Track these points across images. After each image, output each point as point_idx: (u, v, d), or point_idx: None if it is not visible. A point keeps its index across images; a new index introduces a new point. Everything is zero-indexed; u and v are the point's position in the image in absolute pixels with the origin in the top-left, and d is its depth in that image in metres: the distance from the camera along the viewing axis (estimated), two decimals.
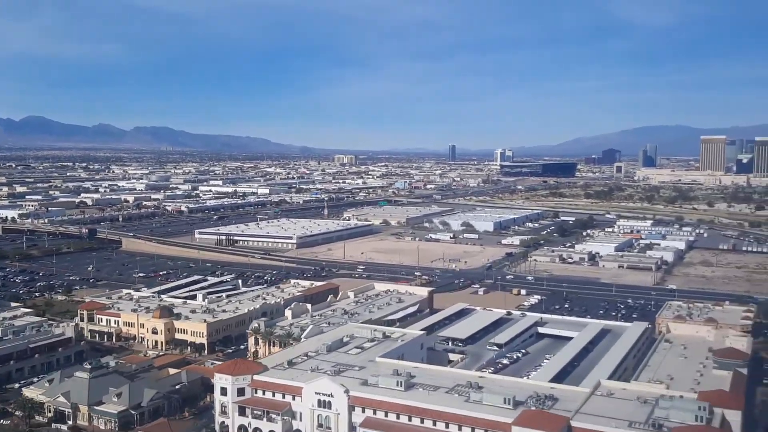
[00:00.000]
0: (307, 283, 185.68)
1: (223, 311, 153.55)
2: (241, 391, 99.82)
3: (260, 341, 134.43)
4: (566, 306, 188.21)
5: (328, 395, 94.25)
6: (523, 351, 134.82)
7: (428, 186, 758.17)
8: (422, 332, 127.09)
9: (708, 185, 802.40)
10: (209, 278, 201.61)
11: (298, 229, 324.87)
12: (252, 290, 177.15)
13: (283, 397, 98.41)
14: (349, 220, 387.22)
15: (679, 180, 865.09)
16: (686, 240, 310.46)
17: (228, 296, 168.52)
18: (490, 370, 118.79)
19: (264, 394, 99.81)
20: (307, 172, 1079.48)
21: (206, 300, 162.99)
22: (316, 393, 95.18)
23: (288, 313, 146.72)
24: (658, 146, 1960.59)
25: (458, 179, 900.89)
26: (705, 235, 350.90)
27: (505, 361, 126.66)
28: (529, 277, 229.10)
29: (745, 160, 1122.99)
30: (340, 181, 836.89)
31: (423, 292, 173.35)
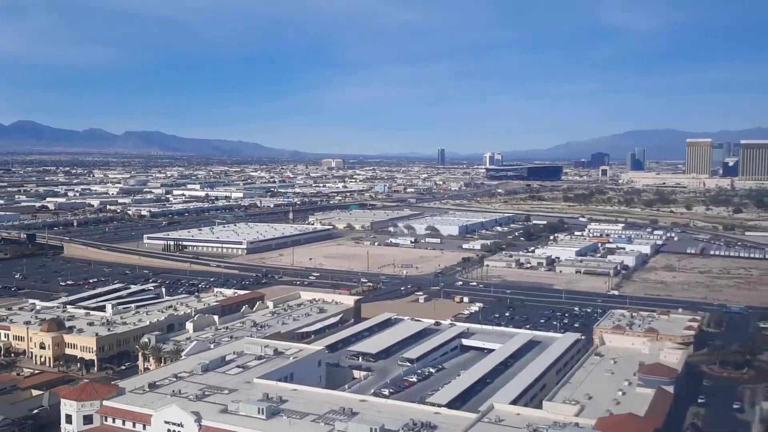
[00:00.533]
0: (230, 292, 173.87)
1: (124, 323, 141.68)
2: (88, 419, 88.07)
3: (150, 358, 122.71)
4: (507, 314, 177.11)
5: (178, 425, 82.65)
6: (438, 366, 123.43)
7: (408, 190, 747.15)
8: (321, 348, 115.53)
9: (692, 188, 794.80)
10: (132, 286, 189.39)
11: (252, 233, 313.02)
12: (166, 300, 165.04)
13: (134, 425, 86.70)
14: (312, 224, 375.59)
15: (664, 183, 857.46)
16: (653, 244, 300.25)
17: (137, 307, 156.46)
18: (389, 391, 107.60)
19: (114, 422, 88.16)
20: (291, 176, 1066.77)
21: (113, 311, 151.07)
22: (166, 422, 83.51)
23: (189, 326, 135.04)
24: (648, 150, 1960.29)
25: (441, 183, 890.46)
26: (676, 238, 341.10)
27: (412, 379, 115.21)
28: (473, 283, 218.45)
29: (731, 164, 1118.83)
30: (321, 185, 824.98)
31: (349, 301, 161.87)
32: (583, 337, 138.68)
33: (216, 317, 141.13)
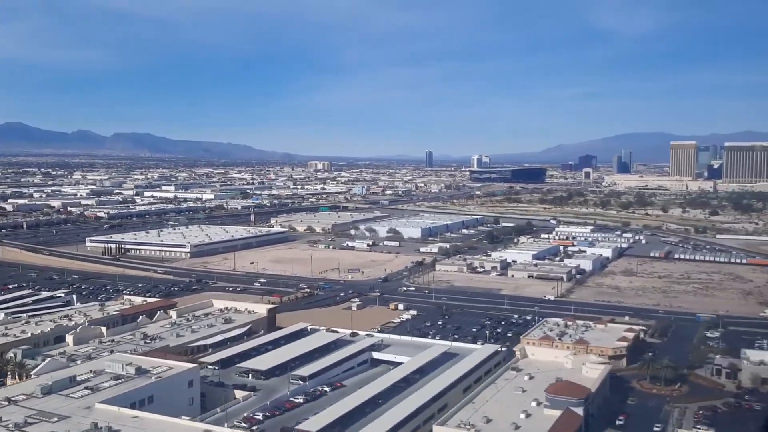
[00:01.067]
0: (139, 300, 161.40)
1: (4, 335, 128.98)
2: None
3: (17, 375, 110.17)
4: (439, 323, 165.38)
5: None
6: (334, 384, 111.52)
7: (387, 192, 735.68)
8: (194, 366, 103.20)
9: (674, 191, 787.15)
10: (43, 293, 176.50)
11: (200, 236, 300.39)
12: (64, 309, 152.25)
13: None
14: (272, 227, 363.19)
15: (646, 185, 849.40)
16: (616, 247, 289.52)
17: (30, 316, 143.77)
18: (264, 415, 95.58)
19: None
20: (273, 177, 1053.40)
21: (1, 320, 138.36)
22: None
23: (69, 338, 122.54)
24: (639, 153, 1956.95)
25: (422, 185, 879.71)
26: (643, 241, 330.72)
27: (299, 399, 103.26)
28: (413, 289, 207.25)
29: (716, 166, 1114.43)
30: (300, 186, 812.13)
31: (262, 310, 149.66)
32: (503, 349, 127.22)
33: (104, 329, 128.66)
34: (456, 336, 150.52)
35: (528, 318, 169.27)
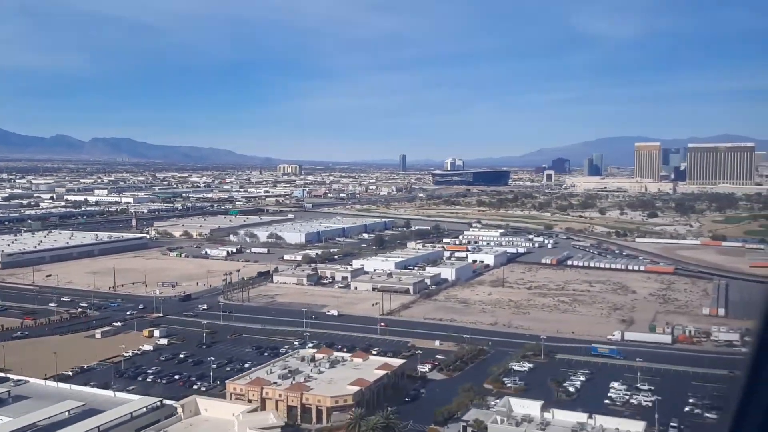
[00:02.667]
0: None
1: None
2: None
3: None
4: (182, 354, 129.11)
5: None
6: None
7: (328, 195, 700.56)
8: None
9: (632, 192, 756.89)
10: None
11: (31, 243, 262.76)
12: None
13: None
14: (149, 232, 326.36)
15: (605, 187, 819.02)
16: (504, 252, 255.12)
17: None
18: None
19: None
20: (233, 180, 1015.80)
21: None
22: None
23: None
24: (619, 156, 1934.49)
25: (373, 188, 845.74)
26: (550, 245, 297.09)
27: None
28: (203, 307, 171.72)
29: (682, 167, 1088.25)
30: (242, 190, 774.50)
31: None
32: (167, 403, 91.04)
33: None
34: (185, 374, 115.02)
35: (313, 343, 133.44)
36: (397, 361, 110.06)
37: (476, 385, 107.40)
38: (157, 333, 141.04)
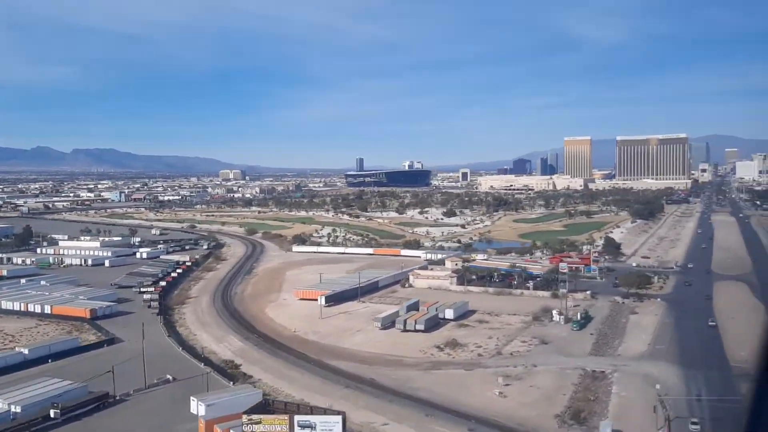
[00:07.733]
0: None
1: None
2: None
3: None
4: None
5: None
6: None
7: (173, 198, 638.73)
8: None
9: (538, 190, 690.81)
10: None
11: None
12: None
13: None
14: None
15: (511, 185, 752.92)
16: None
17: None
18: None
19: None
20: (156, 186, 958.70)
21: None
22: None
23: None
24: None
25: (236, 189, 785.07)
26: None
27: None
28: None
29: None
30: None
31: None
32: None
33: None
34: None
35: None
36: None
37: None
38: None
